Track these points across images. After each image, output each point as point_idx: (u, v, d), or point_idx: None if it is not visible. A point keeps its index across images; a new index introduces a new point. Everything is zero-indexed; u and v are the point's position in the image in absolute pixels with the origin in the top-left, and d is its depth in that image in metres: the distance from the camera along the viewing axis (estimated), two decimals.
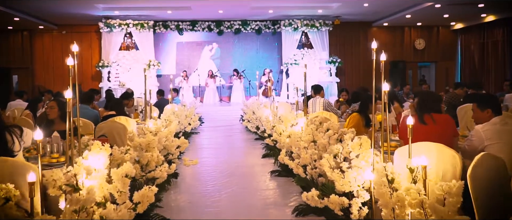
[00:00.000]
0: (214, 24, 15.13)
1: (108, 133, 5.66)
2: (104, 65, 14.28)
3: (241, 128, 10.26)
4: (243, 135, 9.25)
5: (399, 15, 14.24)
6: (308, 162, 4.07)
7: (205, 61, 16.06)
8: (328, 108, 6.87)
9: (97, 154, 3.33)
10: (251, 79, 15.03)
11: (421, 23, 16.02)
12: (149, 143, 4.26)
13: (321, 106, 6.91)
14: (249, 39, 15.90)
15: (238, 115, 11.87)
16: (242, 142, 8.41)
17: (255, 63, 15.82)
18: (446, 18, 15.09)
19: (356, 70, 16.34)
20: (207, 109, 12.91)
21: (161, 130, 5.46)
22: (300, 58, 15.20)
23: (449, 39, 16.67)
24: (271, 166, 6.05)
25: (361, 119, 5.34)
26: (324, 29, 15.07)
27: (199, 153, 7.36)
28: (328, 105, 6.93)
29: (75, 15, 13.84)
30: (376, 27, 16.33)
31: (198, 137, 9.08)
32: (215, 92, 15.05)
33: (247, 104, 10.76)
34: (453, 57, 16.74)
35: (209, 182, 5.35)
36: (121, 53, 14.78)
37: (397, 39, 16.50)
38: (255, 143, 8.07)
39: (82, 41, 15.68)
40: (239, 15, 14.82)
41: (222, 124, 11.01)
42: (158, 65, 14.59)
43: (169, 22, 15.02)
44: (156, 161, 4.23)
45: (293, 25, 14.92)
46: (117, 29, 14.33)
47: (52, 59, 15.74)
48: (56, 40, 15.72)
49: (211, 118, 11.92)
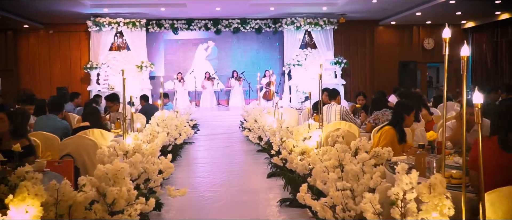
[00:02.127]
0: (211, 23, 13.90)
1: (74, 152, 4.43)
2: (92, 67, 13.01)
3: (241, 137, 9.05)
4: (244, 145, 8.02)
5: (409, 12, 13.06)
6: (339, 201, 2.84)
7: (200, 62, 14.70)
8: (346, 118, 5.65)
9: (23, 204, 2.10)
10: (251, 82, 13.79)
11: (430, 21, 14.83)
12: (117, 173, 3.02)
13: (338, 115, 5.68)
14: (248, 39, 14.63)
15: (237, 120, 10.66)
16: (242, 154, 7.17)
17: (255, 64, 14.58)
18: (457, 16, 13.90)
19: (362, 72, 15.13)
20: (204, 114, 11.67)
21: (143, 147, 4.23)
22: (303, 59, 13.98)
23: (459, 39, 15.47)
24: (279, 190, 4.82)
25: (395, 134, 4.12)
26: (329, 27, 13.86)
27: (192, 170, 6.13)
28: (346, 114, 5.71)
29: (62, 13, 12.59)
30: (383, 26, 15.14)
31: (193, 147, 7.84)
32: (212, 95, 13.79)
33: (247, 110, 9.54)
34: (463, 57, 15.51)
35: (201, 216, 4.11)
36: (111, 54, 13.53)
37: (405, 38, 15.31)
38: (258, 156, 6.83)
39: (71, 41, 14.45)
40: (238, 13, 13.58)
41: (220, 131, 9.79)
42: (150, 66, 13.33)
43: (163, 21, 13.78)
44: (126, 198, 2.99)
45: (296, 24, 13.69)
46: (107, 28, 13.07)
47: (38, 61, 14.46)
48: (42, 40, 14.44)
49: (207, 124, 10.70)
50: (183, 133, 6.06)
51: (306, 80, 14.00)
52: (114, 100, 6.84)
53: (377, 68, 15.02)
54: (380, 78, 14.65)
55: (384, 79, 14.36)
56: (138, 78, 13.42)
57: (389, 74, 14.78)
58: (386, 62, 14.84)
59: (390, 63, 14.92)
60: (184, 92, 13.58)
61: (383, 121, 5.38)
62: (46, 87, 14.25)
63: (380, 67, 14.95)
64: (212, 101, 13.67)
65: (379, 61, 15.04)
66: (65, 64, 14.37)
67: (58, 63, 14.45)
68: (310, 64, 14.05)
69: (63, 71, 14.42)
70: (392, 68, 14.94)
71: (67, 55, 14.37)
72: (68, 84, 14.10)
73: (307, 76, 14.04)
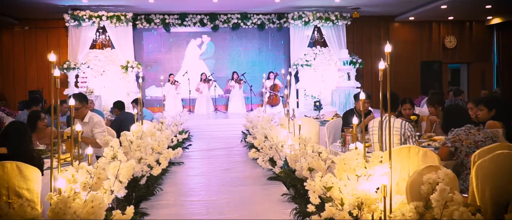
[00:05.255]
0: (207, 18, 11.86)
1: None
2: (70, 67, 10.91)
3: (243, 152, 7.03)
4: (248, 166, 5.99)
5: (432, 5, 11.09)
6: None
7: (192, 61, 12.53)
8: (410, 139, 3.61)
9: None
10: (252, 84, 11.75)
11: (452, 17, 12.88)
12: None
13: (398, 134, 3.63)
14: (249, 36, 12.53)
15: (237, 131, 8.65)
16: (248, 184, 5.11)
17: (257, 65, 12.51)
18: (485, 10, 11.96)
19: (376, 73, 13.08)
20: (198, 123, 9.62)
21: (81, 196, 2.22)
22: (312, 59, 11.96)
23: (483, 37, 13.54)
24: None
25: None
26: (341, 23, 11.84)
27: (178, 213, 4.08)
28: (411, 131, 3.64)
29: (38, 6, 10.56)
30: (399, 22, 13.17)
31: (181, 172, 5.78)
32: (209, 100, 11.70)
33: (251, 119, 7.51)
34: (488, 57, 13.60)
35: None
36: (93, 52, 11.45)
37: (424, 36, 13.33)
38: (271, 188, 4.79)
39: (49, 38, 12.38)
40: (237, 7, 11.55)
41: (218, 145, 7.75)
42: (137, 67, 11.25)
43: (152, 15, 11.73)
44: None
45: (304, 19, 11.66)
46: (87, 22, 11.00)
47: (12, 61, 12.38)
48: (17, 37, 12.36)
49: (202, 135, 8.67)
50: (163, 160, 3.99)
51: (316, 83, 11.99)
52: (82, 100, 4.75)
53: (394, 70, 13.01)
54: (398, 81, 12.64)
55: (403, 81, 12.34)
56: (123, 80, 11.35)
57: (409, 76, 12.78)
58: (404, 63, 12.87)
59: (409, 64, 12.93)
60: (177, 97, 11.51)
61: (467, 145, 3.38)
62: (20, 90, 12.17)
63: (398, 68, 12.94)
64: (209, 107, 11.59)
65: (395, 62, 13.02)
66: (42, 65, 12.28)
67: (34, 64, 12.36)
68: (320, 65, 12.04)
69: (40, 73, 12.33)
70: (412, 70, 12.94)
71: (44, 55, 12.28)
72: (46, 87, 12.04)
73: (316, 78, 12.04)
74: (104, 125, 4.80)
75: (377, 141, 3.69)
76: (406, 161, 3.17)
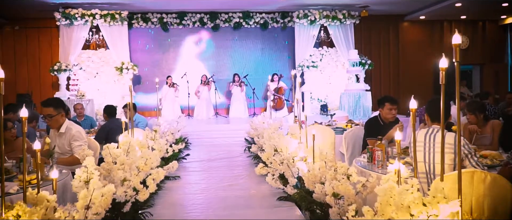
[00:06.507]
0: (208, 17, 11.10)
1: None
2: (60, 69, 10.13)
3: (247, 163, 6.25)
4: (253, 182, 5.19)
5: (446, 3, 10.33)
6: None
7: (190, 61, 11.64)
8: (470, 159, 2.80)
9: None
10: (255, 87, 10.96)
11: (465, 16, 12.11)
12: None
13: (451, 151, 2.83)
14: (252, 36, 11.73)
15: (240, 137, 7.89)
16: (255, 205, 4.29)
17: (260, 66, 11.73)
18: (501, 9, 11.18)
19: (385, 76, 12.34)
20: (198, 128, 8.84)
21: None
22: (319, 60, 11.19)
23: (496, 37, 12.78)
24: None
25: None
26: (349, 22, 11.07)
27: None
28: (468, 149, 2.83)
29: (28, 4, 9.78)
30: (409, 22, 12.39)
31: (177, 188, 4.98)
32: (209, 103, 10.89)
33: (255, 126, 6.73)
34: (501, 58, 12.82)
35: None
36: (86, 53, 10.67)
37: (436, 36, 12.55)
38: (280, 209, 4.01)
39: (40, 39, 11.59)
40: (239, 5, 10.79)
41: (219, 154, 6.96)
42: (133, 68, 10.47)
43: (149, 14, 10.96)
44: None
45: (310, 17, 10.89)
46: (80, 21, 10.23)
47: (2, 63, 11.54)
48: (7, 38, 11.56)
49: (202, 142, 7.91)
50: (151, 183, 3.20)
51: (322, 85, 11.21)
52: (59, 106, 3.98)
53: (404, 71, 12.24)
54: (408, 83, 11.86)
55: (414, 84, 11.54)
56: (118, 83, 10.57)
57: (421, 78, 11.97)
58: (414, 64, 12.09)
59: (419, 65, 12.14)
60: (175, 100, 10.72)
61: None
62: (10, 94, 11.35)
63: (407, 70, 12.18)
64: (209, 111, 10.80)
65: (405, 63, 12.26)
66: (34, 67, 11.50)
67: (24, 65, 11.57)
68: (326, 66, 11.27)
69: (31, 75, 11.54)
70: (423, 71, 12.13)
71: (36, 56, 11.51)
72: (37, 90, 11.25)
73: (323, 80, 11.26)
74: (85, 137, 4.02)
75: (422, 159, 2.89)
76: (468, 190, 2.38)
